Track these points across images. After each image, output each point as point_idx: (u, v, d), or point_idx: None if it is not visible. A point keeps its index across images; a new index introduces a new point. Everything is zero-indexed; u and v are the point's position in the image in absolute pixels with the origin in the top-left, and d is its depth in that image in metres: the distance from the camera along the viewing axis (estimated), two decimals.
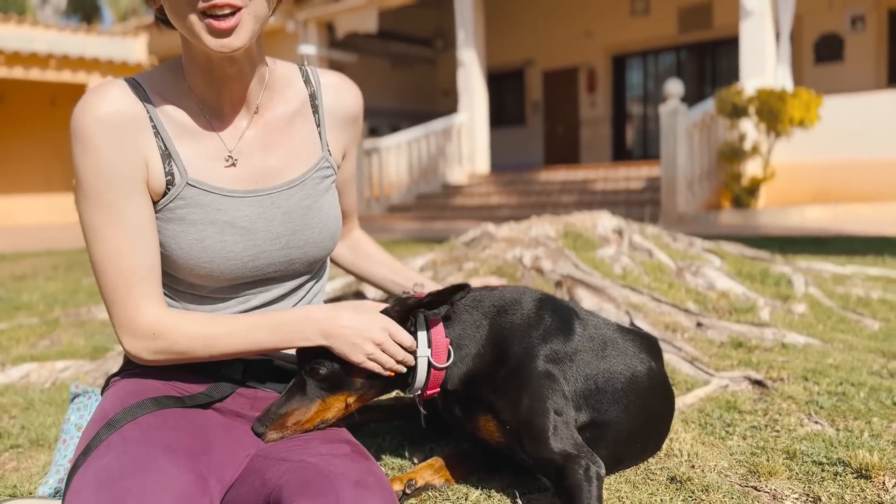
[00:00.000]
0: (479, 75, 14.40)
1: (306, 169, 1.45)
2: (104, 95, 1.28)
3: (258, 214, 1.39)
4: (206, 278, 1.40)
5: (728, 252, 4.28)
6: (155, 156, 1.32)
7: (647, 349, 1.69)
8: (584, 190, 12.75)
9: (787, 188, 10.50)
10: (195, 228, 1.35)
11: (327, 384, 1.37)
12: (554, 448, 1.39)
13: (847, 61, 14.34)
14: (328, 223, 1.49)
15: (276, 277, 1.47)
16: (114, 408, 1.34)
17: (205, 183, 1.35)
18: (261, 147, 1.41)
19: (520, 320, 1.54)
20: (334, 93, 1.51)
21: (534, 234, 3.82)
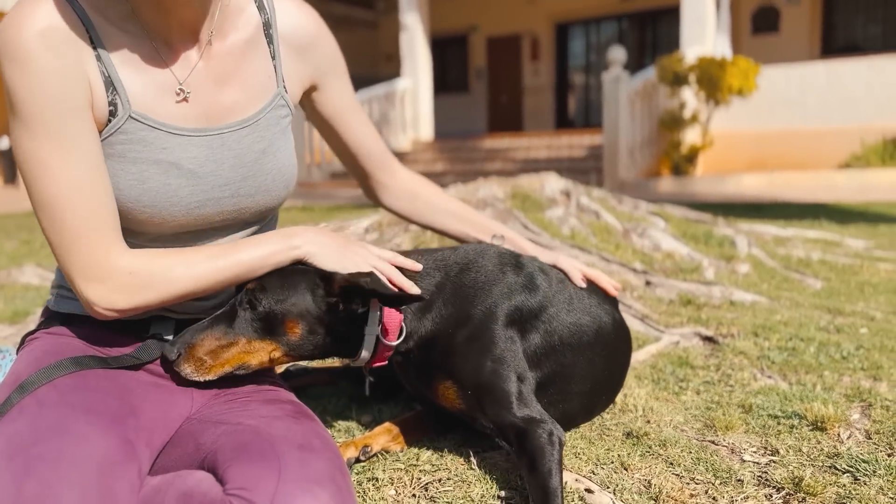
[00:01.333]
0: (423, 40, 14.16)
1: (260, 107, 1.31)
2: (38, 9, 1.11)
3: (206, 157, 1.25)
4: (145, 224, 1.25)
5: (672, 215, 4.30)
6: (97, 80, 1.16)
7: (609, 300, 1.64)
8: (528, 157, 12.75)
9: (724, 156, 10.69)
10: (136, 168, 1.20)
11: (259, 324, 1.24)
12: (517, 413, 1.33)
13: (783, 33, 14.62)
14: (283, 170, 1.35)
15: (223, 227, 1.34)
16: (28, 369, 1.20)
17: (149, 117, 1.20)
18: (213, 81, 1.27)
19: (482, 278, 1.46)
20: (289, 18, 1.37)
21: (482, 195, 3.74)
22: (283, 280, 1.24)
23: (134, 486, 1.07)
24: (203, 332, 1.22)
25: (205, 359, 1.21)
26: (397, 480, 1.42)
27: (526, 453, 1.28)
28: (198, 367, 1.21)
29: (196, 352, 1.21)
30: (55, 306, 1.34)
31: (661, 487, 1.34)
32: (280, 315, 1.23)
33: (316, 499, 1.00)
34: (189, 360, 1.20)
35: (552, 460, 1.26)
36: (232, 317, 1.24)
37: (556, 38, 17.93)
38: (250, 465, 1.04)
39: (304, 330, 1.25)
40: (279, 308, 1.23)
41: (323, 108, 1.48)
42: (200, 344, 1.21)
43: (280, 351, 1.25)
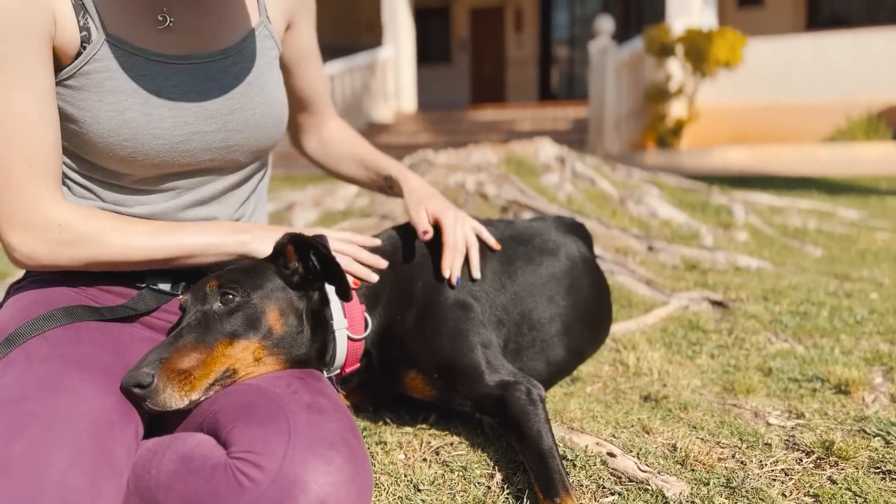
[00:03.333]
0: (406, 9, 13.91)
1: (243, 35, 1.22)
2: None
3: (189, 86, 1.16)
4: (127, 162, 1.15)
5: (666, 183, 4.24)
6: (65, 6, 1.06)
7: (569, 233, 1.53)
8: (512, 130, 12.62)
9: (709, 130, 10.66)
10: (115, 97, 1.11)
11: (237, 321, 1.09)
12: (489, 382, 1.24)
13: (768, 6, 14.54)
14: (272, 105, 1.27)
15: (212, 168, 1.24)
16: (14, 320, 1.11)
17: (127, 42, 1.11)
18: (194, 6, 1.17)
19: (417, 250, 1.36)
20: None
21: (475, 160, 3.65)
22: (248, 271, 1.14)
23: (131, 448, 0.99)
24: (174, 345, 1.04)
25: (187, 371, 1.02)
26: (406, 444, 1.34)
27: (510, 420, 1.19)
28: (180, 385, 1.00)
29: (173, 365, 1.01)
30: None
31: (687, 451, 1.27)
32: (258, 305, 1.11)
33: (330, 463, 0.92)
34: (166, 379, 1.00)
35: (538, 420, 1.17)
36: (203, 322, 1.08)
37: (541, 10, 17.72)
38: (257, 427, 0.96)
39: (283, 318, 1.13)
40: (255, 297, 1.11)
41: (289, 50, 1.39)
42: (176, 357, 1.02)
43: (264, 349, 1.09)
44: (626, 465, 1.23)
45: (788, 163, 9.20)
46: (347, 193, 3.56)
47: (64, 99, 1.12)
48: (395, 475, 1.24)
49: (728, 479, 1.19)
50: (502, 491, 1.18)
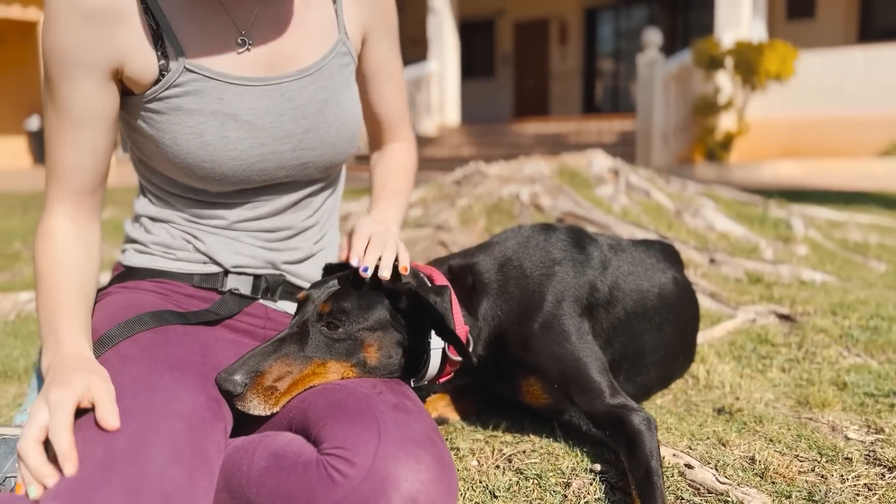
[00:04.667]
0: (451, 23, 14.02)
1: (322, 55, 1.25)
2: None
3: (266, 107, 1.19)
4: (206, 181, 1.20)
5: (721, 196, 4.19)
6: (142, 41, 1.12)
7: (665, 256, 1.55)
8: (557, 142, 12.58)
9: (759, 143, 10.49)
10: (193, 120, 1.15)
11: (337, 347, 1.12)
12: (610, 401, 1.25)
13: (819, 18, 14.28)
14: (347, 122, 1.28)
15: (287, 183, 1.28)
16: (105, 324, 1.15)
17: (205, 67, 1.15)
18: (273, 28, 1.21)
19: (535, 261, 1.37)
20: None
21: (528, 171, 3.65)
22: (362, 300, 1.15)
23: (221, 445, 1.01)
24: (271, 357, 1.08)
25: (275, 386, 1.06)
26: (479, 451, 1.35)
27: (624, 436, 1.21)
28: (266, 398, 1.06)
29: (264, 380, 1.06)
30: (129, 261, 1.29)
31: (765, 464, 1.25)
32: (360, 338, 1.13)
33: (420, 461, 0.93)
34: (256, 390, 1.05)
35: (652, 442, 1.19)
36: (303, 338, 1.11)
37: (585, 23, 17.67)
38: (348, 423, 0.98)
39: (380, 352, 1.15)
40: (360, 331, 1.13)
41: (364, 64, 1.39)
42: (269, 371, 1.06)
43: (353, 372, 1.13)
44: (705, 476, 1.22)
45: (842, 177, 9.00)
46: None
47: (145, 121, 1.18)
48: (470, 481, 1.25)
49: (810, 493, 1.17)
50: (579, 500, 1.18)
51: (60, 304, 1.07)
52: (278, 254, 1.30)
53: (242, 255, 1.28)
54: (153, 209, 1.28)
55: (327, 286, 1.19)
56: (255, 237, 1.29)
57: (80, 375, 0.93)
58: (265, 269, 1.30)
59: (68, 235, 1.16)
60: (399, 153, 1.50)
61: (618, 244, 1.47)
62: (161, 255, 1.28)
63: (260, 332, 1.28)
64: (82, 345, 1.03)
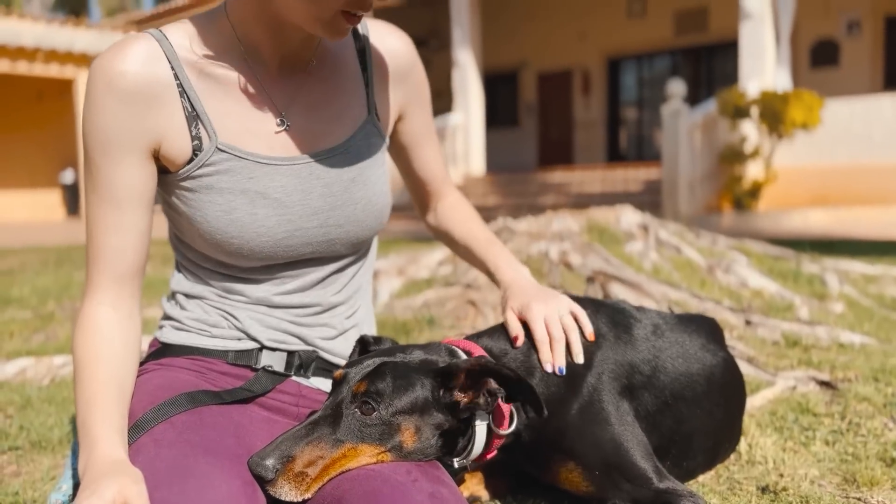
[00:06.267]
0: (475, 76, 14.24)
1: (350, 134, 1.27)
2: (122, 55, 1.13)
3: (294, 186, 1.21)
4: (235, 256, 1.22)
5: (752, 250, 4.14)
6: (177, 122, 1.16)
7: (712, 336, 1.51)
8: (582, 192, 12.61)
9: (787, 191, 10.41)
10: (223, 198, 1.18)
11: (371, 430, 1.08)
12: (659, 486, 1.21)
13: (843, 66, 14.30)
14: (374, 199, 1.30)
15: (315, 259, 1.29)
16: (142, 405, 1.15)
17: (237, 147, 1.18)
18: (308, 108, 1.24)
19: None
20: (384, 46, 1.34)
21: (556, 228, 3.65)
22: (399, 381, 1.11)
23: None
24: (303, 441, 1.05)
25: (306, 472, 1.04)
26: None
27: None
28: (297, 484, 1.03)
29: (295, 466, 1.03)
30: (165, 338, 1.30)
31: None
32: (396, 423, 1.09)
33: None
34: (287, 476, 1.02)
35: None
36: (336, 420, 1.08)
37: (608, 73, 17.86)
38: None
39: (418, 436, 1.11)
40: (396, 416, 1.09)
41: (402, 137, 1.44)
42: (301, 456, 1.04)
43: (389, 456, 1.10)
44: None
45: (873, 225, 8.88)
46: (431, 261, 3.59)
47: (178, 198, 1.20)
48: None
49: None
50: None
51: (96, 398, 1.08)
52: (309, 329, 1.31)
53: (275, 331, 1.29)
54: (187, 285, 1.30)
55: (363, 365, 1.18)
56: (285, 312, 1.30)
57: (111, 481, 0.93)
58: (298, 345, 1.30)
59: (109, 325, 1.17)
60: (461, 205, 1.54)
61: (664, 322, 1.44)
62: (197, 332, 1.29)
63: (293, 409, 1.28)
64: (115, 445, 1.03)
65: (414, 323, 2.79)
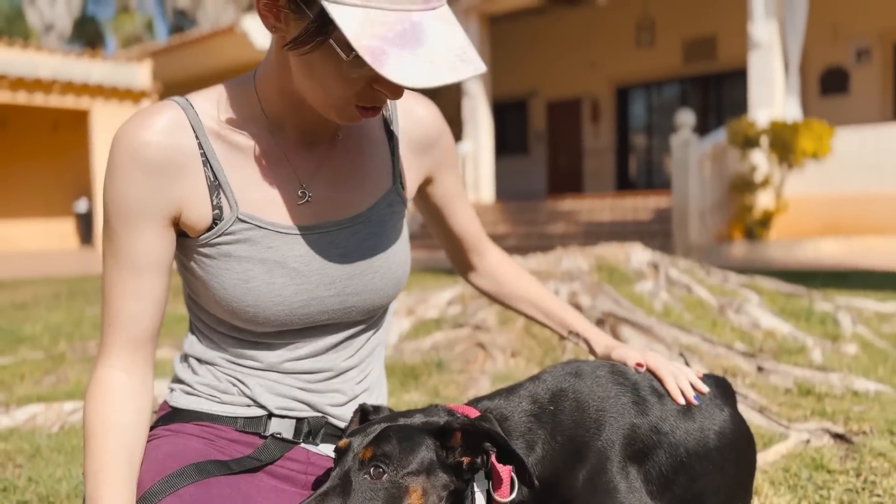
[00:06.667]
0: (485, 106, 14.35)
1: (373, 203, 1.27)
2: (147, 125, 1.13)
3: (313, 255, 1.21)
4: (250, 322, 1.22)
5: (764, 287, 4.11)
6: (199, 191, 1.16)
7: (722, 394, 1.50)
8: (591, 220, 12.62)
9: (798, 220, 10.37)
10: (241, 266, 1.18)
11: (380, 494, 1.07)
12: None
13: (853, 94, 14.32)
14: (393, 268, 1.29)
15: (330, 325, 1.28)
16: (150, 475, 1.15)
17: (257, 217, 1.18)
18: (331, 178, 1.24)
19: (581, 402, 1.32)
20: (411, 116, 1.34)
21: (565, 266, 3.65)
22: (405, 443, 1.11)
23: None
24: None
25: None
26: None
27: None
28: None
29: None
30: (175, 402, 1.30)
31: None
32: (405, 484, 1.09)
33: None
34: None
35: None
36: (345, 490, 1.08)
37: (617, 101, 17.95)
38: None
39: (424, 498, 1.10)
40: (404, 478, 1.09)
41: (433, 198, 1.44)
42: None
43: None
44: None
45: (885, 255, 8.82)
46: (440, 301, 3.59)
47: (196, 263, 1.20)
48: None
49: None
50: None
51: (104, 470, 1.08)
52: (320, 396, 1.30)
53: (284, 398, 1.28)
54: (200, 348, 1.30)
55: (366, 432, 1.17)
56: (296, 379, 1.29)
57: None
58: (307, 411, 1.30)
59: (122, 391, 1.17)
60: (508, 262, 1.56)
61: None
62: (207, 398, 1.29)
63: (301, 477, 1.27)
64: None
65: (423, 367, 2.78)
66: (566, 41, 17.99)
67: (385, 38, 0.97)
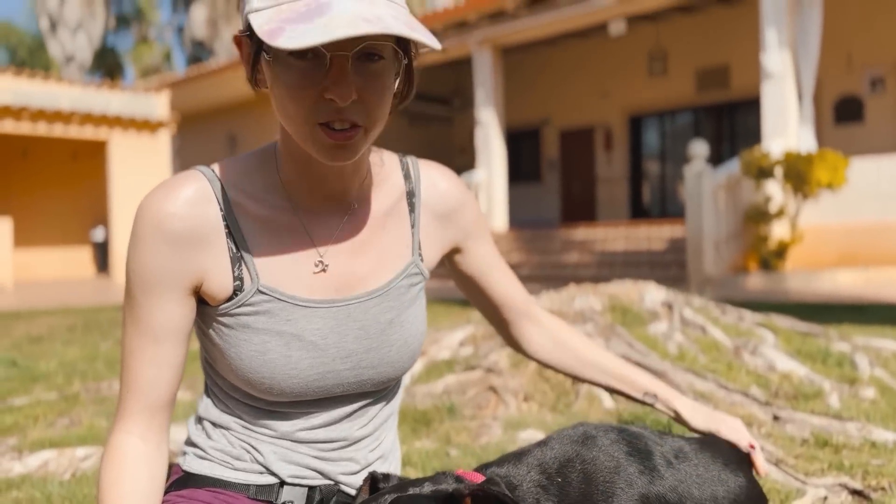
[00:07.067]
0: (498, 134, 14.43)
1: (392, 276, 1.27)
2: (172, 196, 1.14)
3: (331, 328, 1.21)
4: (265, 393, 1.22)
5: (779, 326, 4.07)
6: (221, 262, 1.16)
7: (738, 461, 1.48)
8: (605, 249, 12.59)
9: (815, 250, 10.29)
10: (259, 338, 1.18)
11: None
12: None
13: (868, 122, 14.28)
14: (409, 340, 1.29)
15: (344, 397, 1.28)
16: None
17: (277, 290, 1.18)
18: (350, 250, 1.24)
19: (590, 471, 1.30)
20: (433, 188, 1.34)
21: (578, 306, 3.63)
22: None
23: None
24: None
25: None
26: None
27: None
28: None
29: None
30: (188, 466, 1.30)
31: None
32: None
33: None
34: None
35: None
36: None
37: (630, 129, 18.00)
38: None
39: None
40: None
41: (465, 268, 1.43)
42: None
43: None
44: None
45: None
46: (452, 342, 3.58)
47: (214, 331, 1.21)
48: None
49: None
50: None
51: None
52: (333, 465, 1.30)
53: (298, 466, 1.28)
54: (214, 413, 1.30)
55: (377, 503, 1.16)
56: (309, 447, 1.29)
57: None
58: (319, 480, 1.29)
59: (137, 458, 1.17)
60: (562, 326, 1.53)
61: (681, 450, 1.41)
62: (220, 463, 1.29)
63: None
64: None
65: (434, 412, 2.76)
66: (579, 71, 18.10)
67: (285, 20, 0.97)
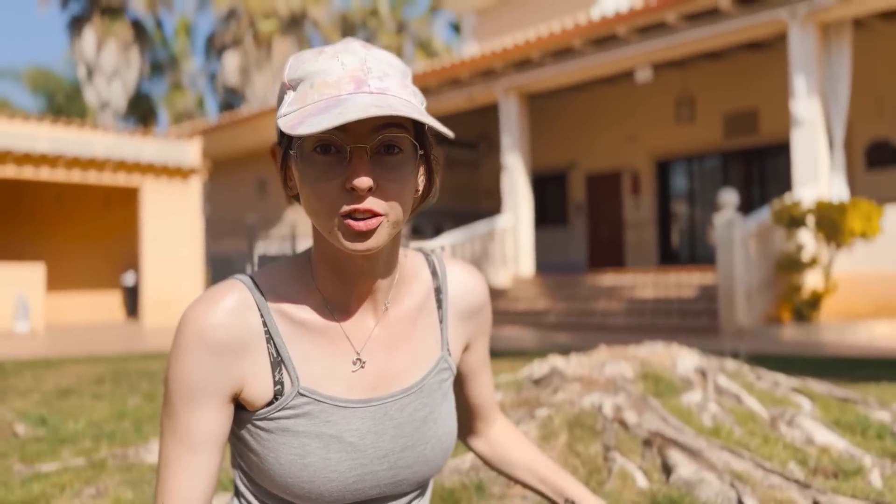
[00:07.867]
0: (524, 179, 14.47)
1: (425, 373, 1.27)
2: (215, 308, 1.15)
3: (368, 428, 1.20)
4: (302, 498, 1.20)
5: (816, 392, 3.96)
6: (261, 368, 1.17)
7: None
8: (634, 297, 12.44)
9: (849, 300, 10.08)
10: (298, 441, 1.17)
11: None
12: None
13: None
14: (443, 437, 1.28)
15: (379, 498, 1.26)
16: None
17: (316, 391, 1.18)
18: (385, 348, 1.24)
19: None
20: (460, 285, 1.35)
21: (609, 373, 3.56)
22: None
23: None
24: None
25: None
26: None
27: None
28: None
29: None
30: None
31: None
32: None
33: None
34: None
35: None
36: None
37: (657, 174, 17.94)
38: None
39: None
40: None
41: (463, 365, 1.43)
42: None
43: None
44: None
45: None
46: None
47: (252, 435, 1.20)
48: None
49: None
50: None
51: None
52: None
53: None
54: None
55: None
56: None
57: None
58: None
59: None
60: (513, 430, 1.52)
61: None
62: None
63: None
64: None
65: (462, 490, 2.70)
66: (605, 116, 18.16)
67: (307, 115, 1.03)
